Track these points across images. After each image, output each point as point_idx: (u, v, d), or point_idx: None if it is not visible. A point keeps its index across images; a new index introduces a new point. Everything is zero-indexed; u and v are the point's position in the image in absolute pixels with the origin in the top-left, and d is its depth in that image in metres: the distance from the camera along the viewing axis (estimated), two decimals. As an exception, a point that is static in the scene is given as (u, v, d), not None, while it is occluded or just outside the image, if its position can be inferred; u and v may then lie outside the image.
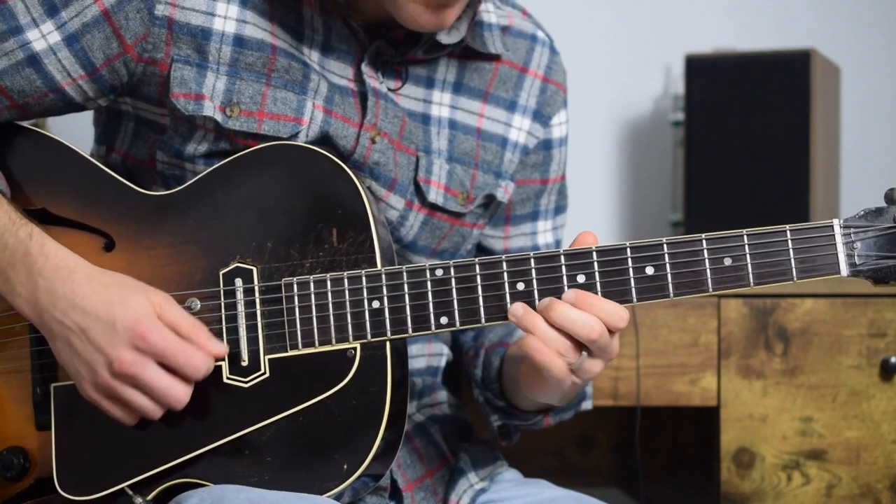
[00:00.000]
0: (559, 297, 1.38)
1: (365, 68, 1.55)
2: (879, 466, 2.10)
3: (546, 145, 1.70)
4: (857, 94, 2.71)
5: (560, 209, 1.76)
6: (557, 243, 1.76)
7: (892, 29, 2.79)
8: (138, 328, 1.37)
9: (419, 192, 1.59)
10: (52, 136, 1.54)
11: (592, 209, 2.76)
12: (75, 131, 1.86)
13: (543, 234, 1.74)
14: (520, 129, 1.66)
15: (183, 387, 1.40)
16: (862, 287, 2.11)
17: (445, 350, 1.75)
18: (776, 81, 2.37)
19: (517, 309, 1.39)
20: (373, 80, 1.55)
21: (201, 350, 1.39)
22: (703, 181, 2.40)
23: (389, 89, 1.57)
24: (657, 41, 2.76)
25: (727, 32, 2.71)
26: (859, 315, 2.11)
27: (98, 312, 1.39)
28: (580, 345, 1.38)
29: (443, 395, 1.74)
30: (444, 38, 1.56)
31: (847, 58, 2.65)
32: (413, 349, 1.68)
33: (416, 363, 1.69)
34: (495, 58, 1.65)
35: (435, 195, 1.59)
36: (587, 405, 1.70)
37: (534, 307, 1.39)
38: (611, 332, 1.39)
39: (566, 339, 1.38)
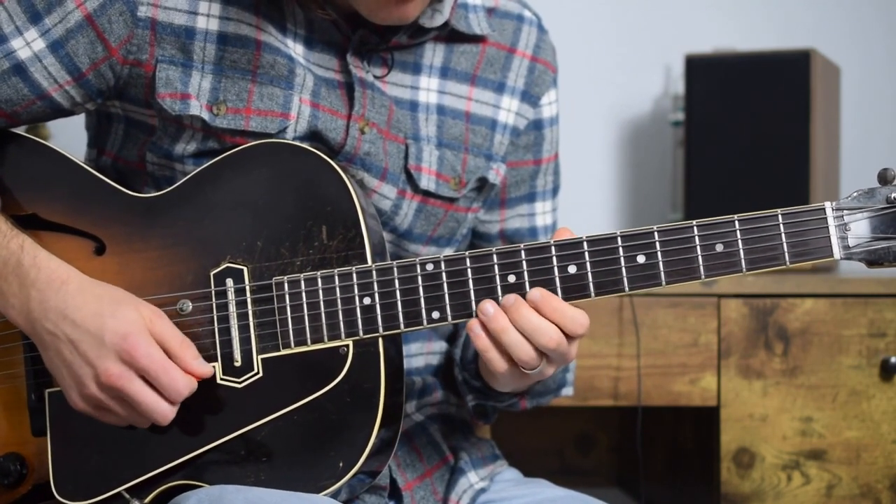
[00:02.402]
0: (524, 295, 1.38)
1: (350, 58, 1.54)
2: (879, 466, 2.10)
3: (537, 125, 1.69)
4: (857, 94, 2.71)
5: (556, 190, 1.75)
6: (554, 225, 1.75)
7: (892, 29, 2.79)
8: (126, 343, 1.38)
9: (411, 180, 1.58)
10: (40, 140, 1.54)
11: (592, 209, 2.76)
12: (75, 132, 1.86)
13: (543, 216, 1.73)
14: (508, 110, 1.66)
15: (167, 404, 1.40)
16: (862, 287, 2.11)
17: (444, 347, 1.75)
18: (776, 81, 2.37)
19: (488, 309, 1.38)
20: (359, 69, 1.55)
21: (186, 370, 1.40)
22: (703, 181, 2.40)
23: (376, 77, 1.56)
24: (657, 41, 2.76)
25: (727, 32, 2.71)
26: (859, 315, 2.11)
27: (88, 325, 1.39)
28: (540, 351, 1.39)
29: (442, 394, 1.74)
30: (427, 22, 1.55)
31: (847, 58, 2.65)
32: (412, 348, 1.68)
33: (414, 362, 1.69)
34: (482, 39, 1.64)
35: (427, 182, 1.59)
36: (567, 391, 1.70)
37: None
38: (570, 337, 1.39)
39: (531, 348, 1.38)
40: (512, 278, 1.39)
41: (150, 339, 1.39)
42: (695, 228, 1.36)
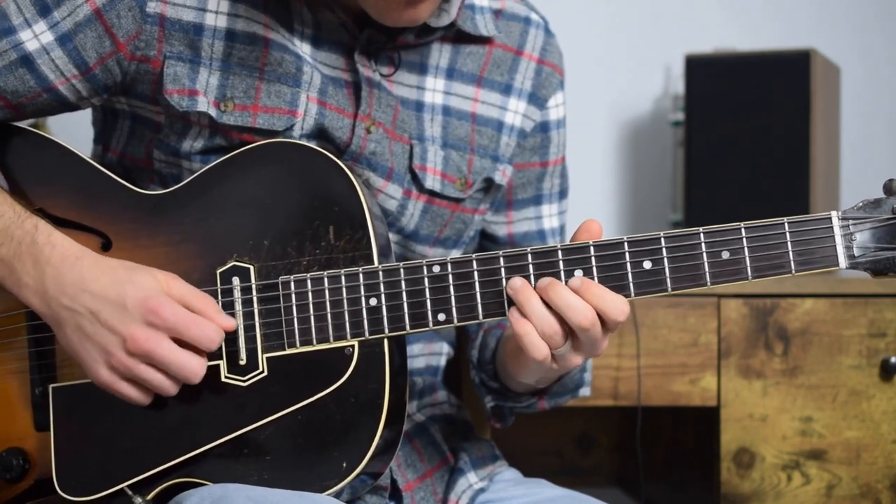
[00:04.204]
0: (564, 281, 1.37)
1: (358, 57, 1.54)
2: (879, 466, 2.10)
3: (544, 128, 1.69)
4: (857, 94, 2.72)
5: (563, 192, 1.75)
6: (562, 228, 1.75)
7: (893, 29, 2.80)
8: (149, 304, 1.38)
9: (416, 180, 1.58)
10: (47, 136, 1.54)
11: (593, 209, 2.76)
12: (76, 130, 1.86)
13: (549, 219, 1.73)
14: (515, 112, 1.66)
15: (198, 359, 1.40)
16: (862, 287, 2.11)
17: (445, 349, 1.75)
18: (776, 81, 2.37)
19: (516, 282, 1.37)
20: (366, 68, 1.55)
21: (212, 322, 1.40)
22: (703, 181, 2.41)
23: (382, 76, 1.57)
24: (657, 41, 2.76)
25: (727, 32, 2.71)
26: (859, 315, 2.11)
27: (108, 293, 1.39)
28: (568, 331, 1.38)
29: (443, 394, 1.74)
30: (434, 22, 1.55)
31: (847, 58, 2.65)
32: (414, 349, 1.68)
33: (415, 363, 1.69)
34: (488, 41, 1.64)
35: (432, 182, 1.59)
36: (585, 392, 1.69)
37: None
38: (607, 325, 1.38)
39: (556, 322, 1.37)
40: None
41: (171, 298, 1.39)
42: (701, 235, 1.37)
